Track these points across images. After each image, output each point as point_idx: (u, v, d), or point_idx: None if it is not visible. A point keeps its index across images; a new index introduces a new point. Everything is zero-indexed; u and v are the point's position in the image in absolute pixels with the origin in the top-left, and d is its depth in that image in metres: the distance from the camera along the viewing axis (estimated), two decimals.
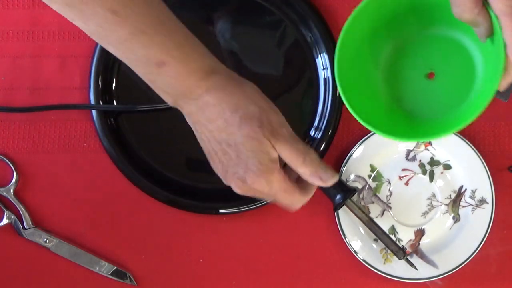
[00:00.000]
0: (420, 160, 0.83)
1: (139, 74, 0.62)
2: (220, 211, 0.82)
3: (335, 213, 0.82)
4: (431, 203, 0.83)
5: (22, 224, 0.83)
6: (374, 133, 0.82)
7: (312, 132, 0.83)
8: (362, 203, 0.83)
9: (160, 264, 0.84)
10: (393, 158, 0.83)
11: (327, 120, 0.82)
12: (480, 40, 0.63)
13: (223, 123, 0.62)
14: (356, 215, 0.79)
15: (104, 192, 0.84)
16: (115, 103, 0.84)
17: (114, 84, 0.84)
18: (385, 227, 0.83)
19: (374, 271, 0.82)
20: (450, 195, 0.83)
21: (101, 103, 0.83)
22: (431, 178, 0.83)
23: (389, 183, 0.83)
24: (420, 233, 0.83)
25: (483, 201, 0.82)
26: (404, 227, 0.83)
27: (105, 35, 0.59)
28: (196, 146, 0.83)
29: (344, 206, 0.77)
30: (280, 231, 0.84)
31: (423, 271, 0.82)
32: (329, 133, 0.82)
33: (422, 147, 0.83)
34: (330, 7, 0.84)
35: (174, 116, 0.83)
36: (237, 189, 0.65)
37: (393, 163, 0.83)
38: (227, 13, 0.84)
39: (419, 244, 0.83)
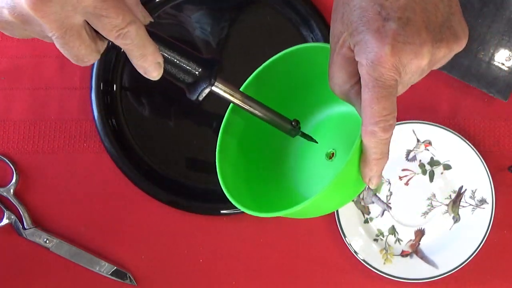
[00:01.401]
0: (420, 160, 0.83)
1: None
2: (222, 211, 0.82)
3: (335, 213, 0.82)
4: (431, 203, 0.83)
5: (22, 224, 0.83)
6: None
7: None
8: (362, 203, 0.83)
9: (160, 264, 0.84)
10: (393, 158, 0.83)
11: None
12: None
13: None
14: (227, 98, 0.59)
15: (104, 192, 0.84)
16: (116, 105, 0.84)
17: (115, 85, 0.84)
18: (385, 227, 0.83)
19: (374, 271, 0.82)
20: (450, 195, 0.83)
21: (102, 103, 0.83)
22: (431, 178, 0.83)
23: (389, 183, 0.83)
24: (420, 233, 0.83)
25: (483, 201, 0.82)
26: (404, 227, 0.83)
27: None
28: (196, 146, 0.84)
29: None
30: (280, 232, 0.84)
31: (423, 271, 0.82)
32: None
33: (422, 147, 0.83)
34: (332, 8, 0.84)
35: (176, 116, 0.84)
36: None
37: (393, 163, 0.83)
38: (229, 13, 0.84)
39: (419, 244, 0.83)
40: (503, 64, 0.81)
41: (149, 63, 0.53)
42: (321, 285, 0.84)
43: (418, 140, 0.83)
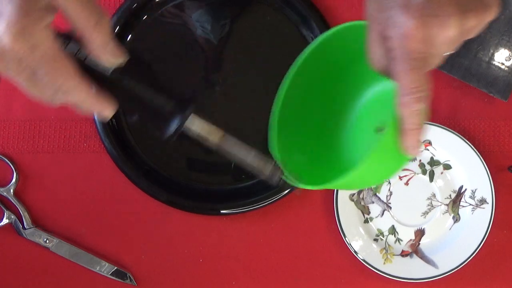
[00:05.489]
0: (420, 160, 0.83)
1: None
2: (222, 211, 0.82)
3: (335, 213, 0.82)
4: (431, 203, 0.83)
5: (22, 224, 0.83)
6: None
7: None
8: (362, 203, 0.83)
9: (160, 264, 0.84)
10: None
11: None
12: None
13: None
14: (203, 137, 0.59)
15: (104, 192, 0.84)
16: None
17: None
18: (385, 227, 0.83)
19: (374, 271, 0.82)
20: (450, 195, 0.83)
21: None
22: (431, 178, 0.83)
23: (389, 183, 0.83)
24: (420, 233, 0.83)
25: (483, 201, 0.82)
26: (404, 227, 0.83)
27: None
28: (196, 146, 0.83)
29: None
30: (280, 231, 0.84)
31: (423, 271, 0.82)
32: None
33: (422, 147, 0.83)
34: (331, 7, 0.84)
35: None
36: None
37: None
38: (229, 9, 0.84)
39: (419, 244, 0.83)
40: (503, 64, 0.81)
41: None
42: (321, 285, 0.84)
43: None
